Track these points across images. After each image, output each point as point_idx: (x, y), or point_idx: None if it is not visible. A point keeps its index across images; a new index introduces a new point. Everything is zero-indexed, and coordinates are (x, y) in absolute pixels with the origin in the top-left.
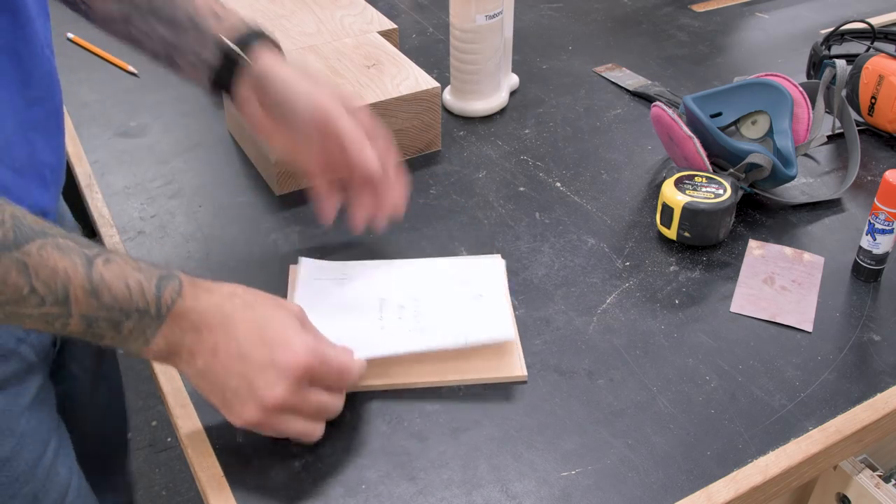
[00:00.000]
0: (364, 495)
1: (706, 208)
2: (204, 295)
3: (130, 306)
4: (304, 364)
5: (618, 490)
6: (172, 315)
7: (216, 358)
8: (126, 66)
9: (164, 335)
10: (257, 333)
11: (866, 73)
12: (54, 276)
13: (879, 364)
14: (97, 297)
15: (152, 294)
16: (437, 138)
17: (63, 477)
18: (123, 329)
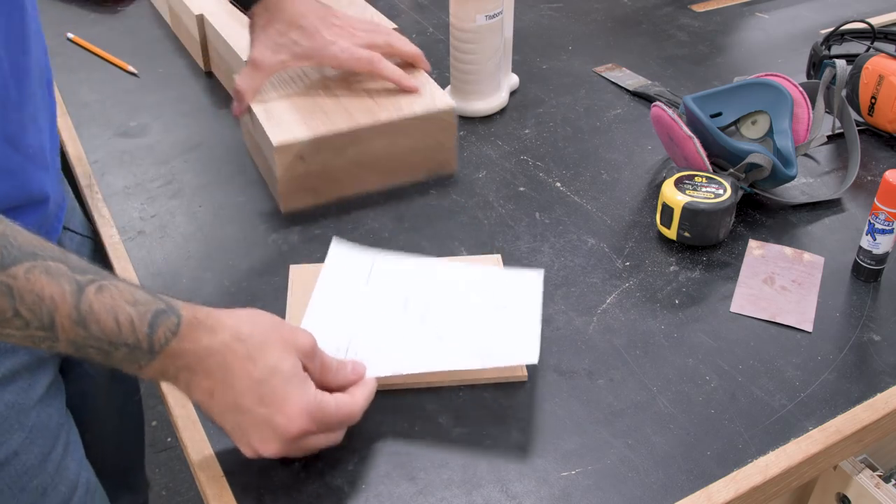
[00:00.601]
0: (364, 495)
1: (706, 208)
2: (204, 337)
3: (119, 340)
4: (300, 429)
5: (618, 490)
6: (166, 353)
7: (213, 400)
8: (126, 66)
9: (156, 368)
10: (256, 390)
11: (866, 73)
12: (40, 302)
13: (879, 364)
14: (84, 327)
15: (143, 332)
16: (453, 159)
17: (72, 472)
18: (113, 358)
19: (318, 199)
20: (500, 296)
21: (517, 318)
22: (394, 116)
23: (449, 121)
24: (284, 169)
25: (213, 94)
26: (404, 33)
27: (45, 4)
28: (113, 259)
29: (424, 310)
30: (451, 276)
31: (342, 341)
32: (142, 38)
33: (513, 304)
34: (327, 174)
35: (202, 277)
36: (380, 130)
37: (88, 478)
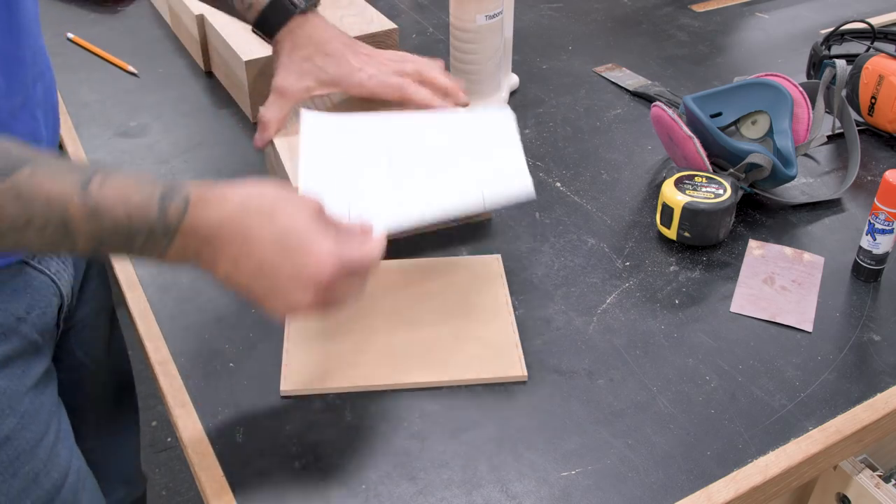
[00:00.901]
0: (364, 495)
1: (706, 208)
2: (214, 208)
3: (133, 227)
4: (329, 273)
5: (618, 490)
6: (183, 230)
7: (238, 269)
8: (126, 66)
9: (176, 250)
10: (279, 245)
11: (866, 73)
12: (49, 201)
13: (879, 364)
14: (98, 219)
15: (154, 215)
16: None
17: (63, 459)
18: (134, 247)
19: None
20: (476, 136)
21: (499, 151)
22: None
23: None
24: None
25: (213, 94)
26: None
27: (45, 4)
28: (113, 259)
29: (410, 159)
30: (423, 126)
31: (341, 204)
32: (142, 38)
33: (492, 141)
34: None
35: (202, 277)
36: None
37: (80, 466)
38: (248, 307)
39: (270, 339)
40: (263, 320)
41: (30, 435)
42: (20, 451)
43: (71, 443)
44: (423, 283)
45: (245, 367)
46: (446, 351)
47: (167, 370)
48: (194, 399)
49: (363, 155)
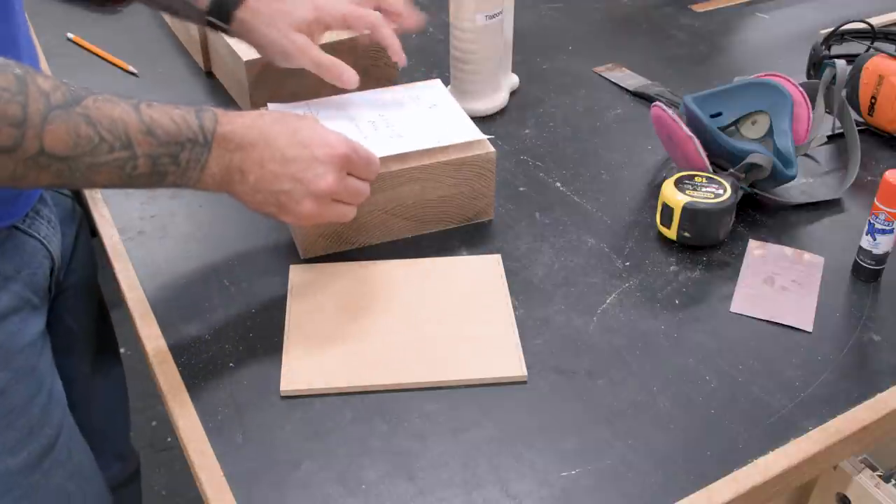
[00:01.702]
0: (364, 495)
1: (706, 208)
2: (237, 118)
3: (182, 138)
4: (343, 152)
5: (618, 490)
6: (217, 140)
7: (265, 169)
8: (126, 66)
9: (215, 160)
10: (294, 138)
11: (866, 73)
12: (113, 123)
13: (879, 364)
14: (153, 135)
15: (196, 124)
16: (490, 207)
17: (57, 417)
18: (182, 161)
19: (341, 247)
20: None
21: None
22: (426, 161)
23: (489, 168)
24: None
25: (213, 94)
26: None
27: (45, 4)
28: (113, 259)
29: (370, 122)
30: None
31: None
32: (142, 38)
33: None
34: (352, 221)
35: (202, 277)
36: (410, 176)
37: (71, 425)
38: (249, 307)
39: (270, 339)
40: (263, 320)
41: (24, 391)
42: (14, 405)
43: (63, 406)
44: (423, 283)
45: (245, 367)
46: (446, 351)
47: (167, 370)
48: (194, 399)
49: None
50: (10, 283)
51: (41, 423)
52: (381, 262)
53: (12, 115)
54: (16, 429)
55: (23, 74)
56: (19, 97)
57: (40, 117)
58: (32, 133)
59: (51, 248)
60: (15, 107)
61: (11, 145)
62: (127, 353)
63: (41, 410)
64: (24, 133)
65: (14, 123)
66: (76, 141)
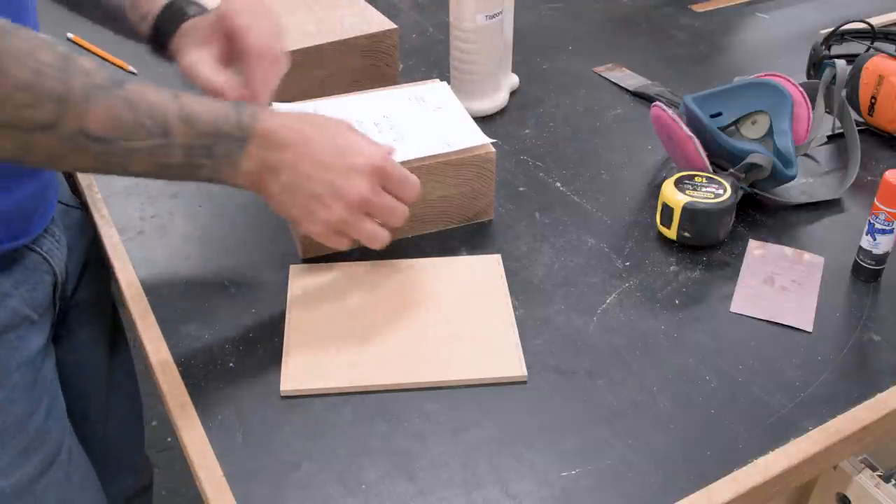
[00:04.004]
0: (364, 495)
1: (706, 208)
2: (278, 117)
3: (219, 130)
4: (380, 163)
5: (618, 490)
6: (254, 136)
7: (298, 169)
8: (126, 66)
9: (250, 155)
10: (332, 143)
11: (866, 73)
12: (153, 108)
13: (879, 364)
14: (191, 125)
15: (234, 118)
16: (490, 207)
17: (55, 436)
18: (217, 153)
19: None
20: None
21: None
22: (426, 161)
23: (489, 168)
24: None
25: None
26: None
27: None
28: (113, 259)
29: (375, 124)
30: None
31: None
32: None
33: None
34: None
35: (202, 277)
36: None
37: (72, 446)
38: (249, 307)
39: (270, 339)
40: (263, 320)
41: (19, 409)
42: (8, 424)
43: (64, 423)
44: (423, 283)
45: (245, 367)
46: (446, 351)
47: (167, 370)
48: (194, 399)
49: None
50: (7, 300)
51: (37, 443)
52: (381, 262)
53: (54, 91)
54: (9, 449)
55: (67, 52)
56: (62, 74)
57: (82, 95)
58: (73, 110)
59: (53, 262)
60: (57, 83)
61: (52, 121)
62: None
63: (37, 430)
64: (65, 109)
65: (56, 99)
66: (115, 123)
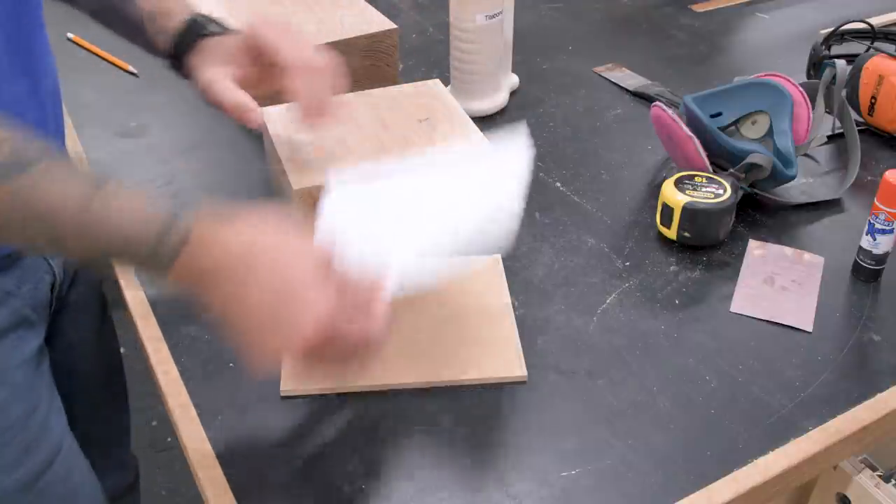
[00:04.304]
0: (364, 495)
1: (706, 208)
2: (216, 248)
3: (126, 251)
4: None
5: (618, 490)
6: (176, 267)
7: (226, 315)
8: (126, 66)
9: (178, 272)
10: (271, 296)
11: (866, 73)
12: (47, 212)
13: (879, 364)
14: (90, 238)
15: (150, 244)
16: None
17: (56, 434)
18: (134, 259)
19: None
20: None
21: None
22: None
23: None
24: (304, 216)
25: None
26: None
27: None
28: None
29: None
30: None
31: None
32: None
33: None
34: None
35: None
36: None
37: (71, 445)
38: None
39: None
40: None
41: (21, 407)
42: (11, 422)
43: (63, 422)
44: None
45: (245, 367)
46: (447, 351)
47: (167, 370)
48: (194, 399)
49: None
50: (10, 299)
51: (38, 441)
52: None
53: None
54: (13, 447)
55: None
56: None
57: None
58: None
59: (52, 262)
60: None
61: None
62: (127, 354)
63: (39, 427)
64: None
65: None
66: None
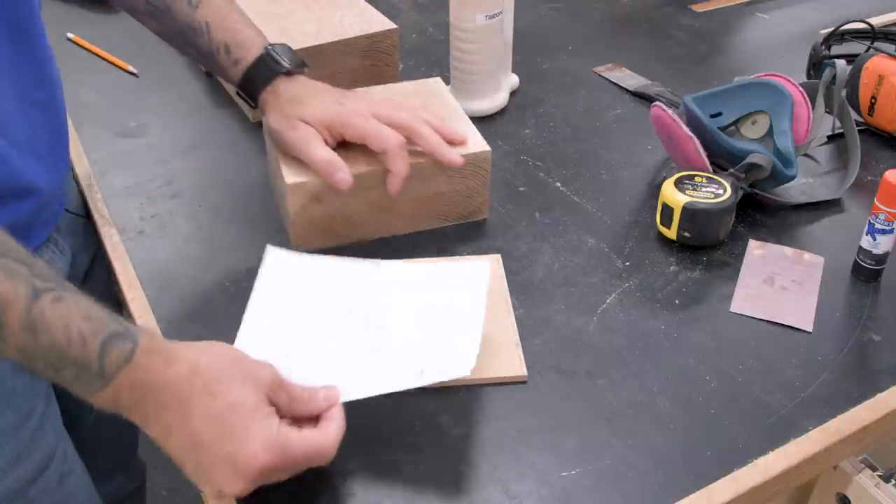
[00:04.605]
0: (364, 495)
1: (706, 208)
2: (160, 368)
3: (67, 356)
4: (263, 464)
5: (618, 490)
6: (118, 381)
7: (170, 440)
8: (126, 66)
9: (109, 397)
10: (215, 425)
11: (866, 73)
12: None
13: (879, 364)
14: (34, 335)
15: (94, 352)
16: (484, 206)
17: (50, 440)
18: (63, 376)
19: (335, 241)
20: (444, 294)
21: (459, 321)
22: (421, 158)
23: (483, 166)
24: (298, 209)
25: (213, 94)
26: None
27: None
28: (113, 259)
29: (366, 315)
30: (393, 277)
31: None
32: (142, 38)
33: (457, 303)
34: (345, 217)
35: (202, 277)
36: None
37: (67, 450)
38: None
39: None
40: None
41: (11, 415)
42: (1, 430)
43: (59, 427)
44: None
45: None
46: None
47: None
48: None
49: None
50: None
51: (30, 449)
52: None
53: None
54: (2, 455)
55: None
56: None
57: None
58: None
59: (61, 264)
60: None
61: None
62: None
63: (31, 435)
64: None
65: None
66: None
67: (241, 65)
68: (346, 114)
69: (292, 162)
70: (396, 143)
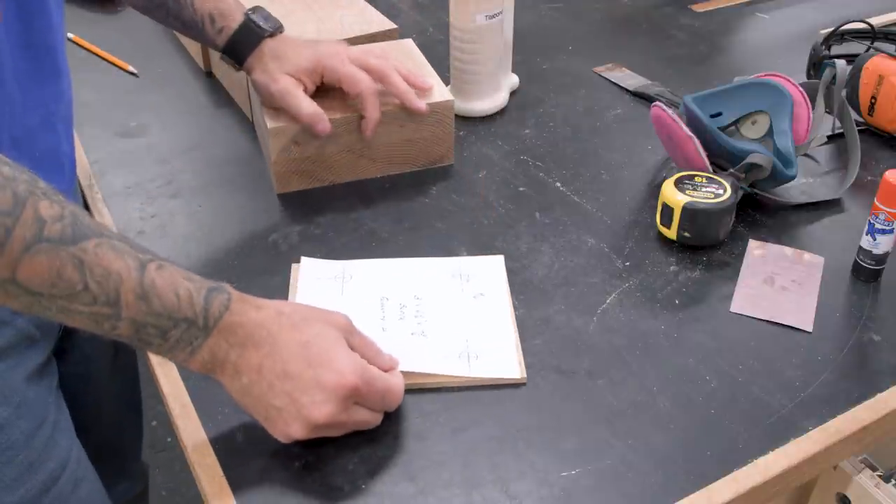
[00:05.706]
0: (364, 495)
1: (706, 208)
2: (252, 311)
3: (178, 315)
4: (351, 385)
5: (618, 490)
6: (219, 328)
7: (261, 375)
8: (126, 66)
9: (209, 348)
10: (303, 353)
11: (866, 73)
12: (107, 275)
13: (879, 364)
14: (147, 301)
15: (200, 305)
16: (450, 151)
17: (62, 449)
18: (170, 337)
19: (312, 184)
20: (468, 280)
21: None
22: (389, 106)
23: (447, 114)
24: (279, 152)
25: (213, 94)
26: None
27: None
28: None
29: (402, 306)
30: (418, 270)
31: None
32: (142, 38)
33: (481, 288)
34: (322, 160)
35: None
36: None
37: (80, 457)
38: None
39: None
40: None
41: (24, 425)
42: (14, 441)
43: (71, 435)
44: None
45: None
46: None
47: (167, 370)
48: (194, 399)
49: (357, 298)
50: (16, 319)
51: (43, 458)
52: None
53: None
54: (15, 465)
55: (25, 195)
56: (7, 219)
57: (22, 246)
58: (5, 260)
59: None
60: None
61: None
62: None
63: (44, 444)
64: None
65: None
66: (54, 281)
67: (224, 32)
68: (324, 57)
69: (273, 110)
70: (370, 88)
